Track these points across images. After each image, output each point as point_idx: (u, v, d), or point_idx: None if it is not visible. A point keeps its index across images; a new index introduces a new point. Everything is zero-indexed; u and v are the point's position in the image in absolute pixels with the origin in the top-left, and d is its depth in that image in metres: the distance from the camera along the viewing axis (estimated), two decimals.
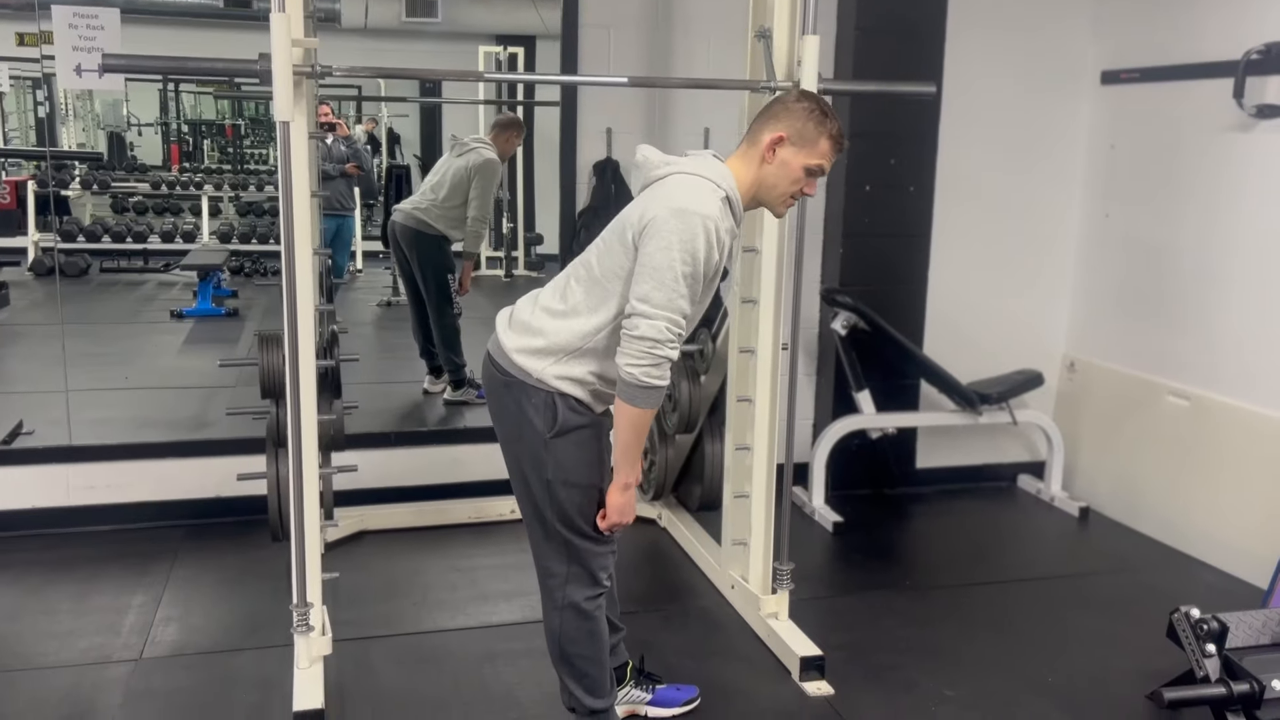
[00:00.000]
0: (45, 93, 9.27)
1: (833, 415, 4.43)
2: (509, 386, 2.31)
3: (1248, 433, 3.79)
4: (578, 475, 2.30)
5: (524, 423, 2.29)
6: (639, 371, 2.15)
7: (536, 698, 2.88)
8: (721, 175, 2.27)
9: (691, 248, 2.15)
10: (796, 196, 2.36)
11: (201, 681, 2.95)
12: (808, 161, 2.29)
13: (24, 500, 3.88)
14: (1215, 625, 2.81)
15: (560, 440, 2.28)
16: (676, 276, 2.14)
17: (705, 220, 2.17)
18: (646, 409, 2.20)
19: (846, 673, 3.04)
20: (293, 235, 2.66)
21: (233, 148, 10.94)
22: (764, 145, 2.30)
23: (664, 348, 2.15)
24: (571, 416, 2.27)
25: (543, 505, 2.32)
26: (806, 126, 2.29)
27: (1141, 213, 4.31)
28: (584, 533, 2.33)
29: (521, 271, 8.78)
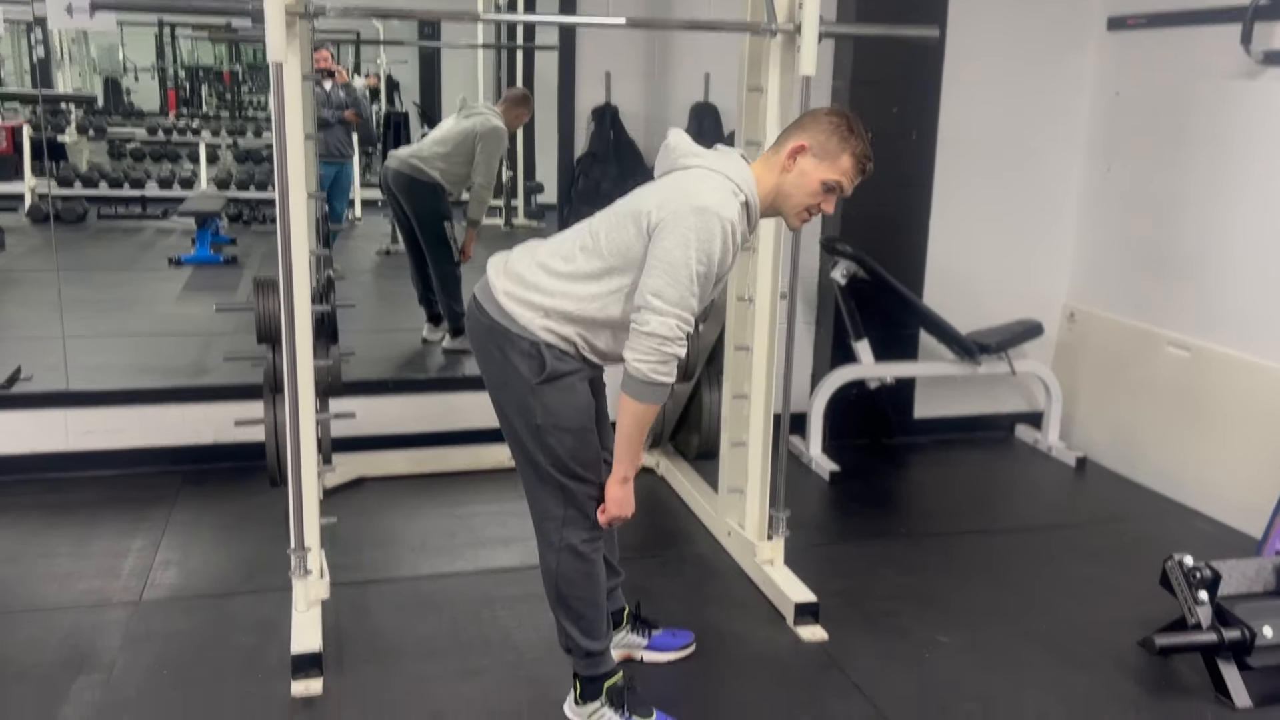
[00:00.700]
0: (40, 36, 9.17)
1: (831, 365, 4.43)
2: (492, 332, 2.30)
3: (1247, 384, 3.78)
4: (568, 420, 2.29)
5: (509, 369, 2.29)
6: (646, 368, 2.15)
7: (534, 641, 2.90)
8: (744, 179, 2.25)
9: (709, 248, 2.15)
10: (813, 211, 2.33)
11: (200, 624, 2.97)
12: (827, 176, 2.26)
13: (22, 445, 3.89)
14: (1208, 573, 2.82)
15: (548, 386, 2.27)
16: (691, 275, 2.14)
17: (724, 222, 2.16)
18: (651, 405, 2.21)
19: (841, 619, 3.07)
20: (286, 178, 2.63)
21: (230, 94, 10.84)
22: (786, 153, 2.28)
23: (673, 345, 2.15)
24: (559, 364, 2.27)
25: (535, 451, 2.32)
26: (830, 140, 2.26)
27: (1145, 161, 4.27)
28: (579, 476, 2.33)
29: (521, 221, 8.73)
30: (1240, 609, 2.78)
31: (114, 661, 2.74)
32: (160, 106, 10.19)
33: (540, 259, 2.32)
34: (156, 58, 10.24)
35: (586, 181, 4.29)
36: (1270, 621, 2.73)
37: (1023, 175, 4.59)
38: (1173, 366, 4.10)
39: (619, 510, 2.32)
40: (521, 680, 2.73)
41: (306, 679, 2.65)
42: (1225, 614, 2.76)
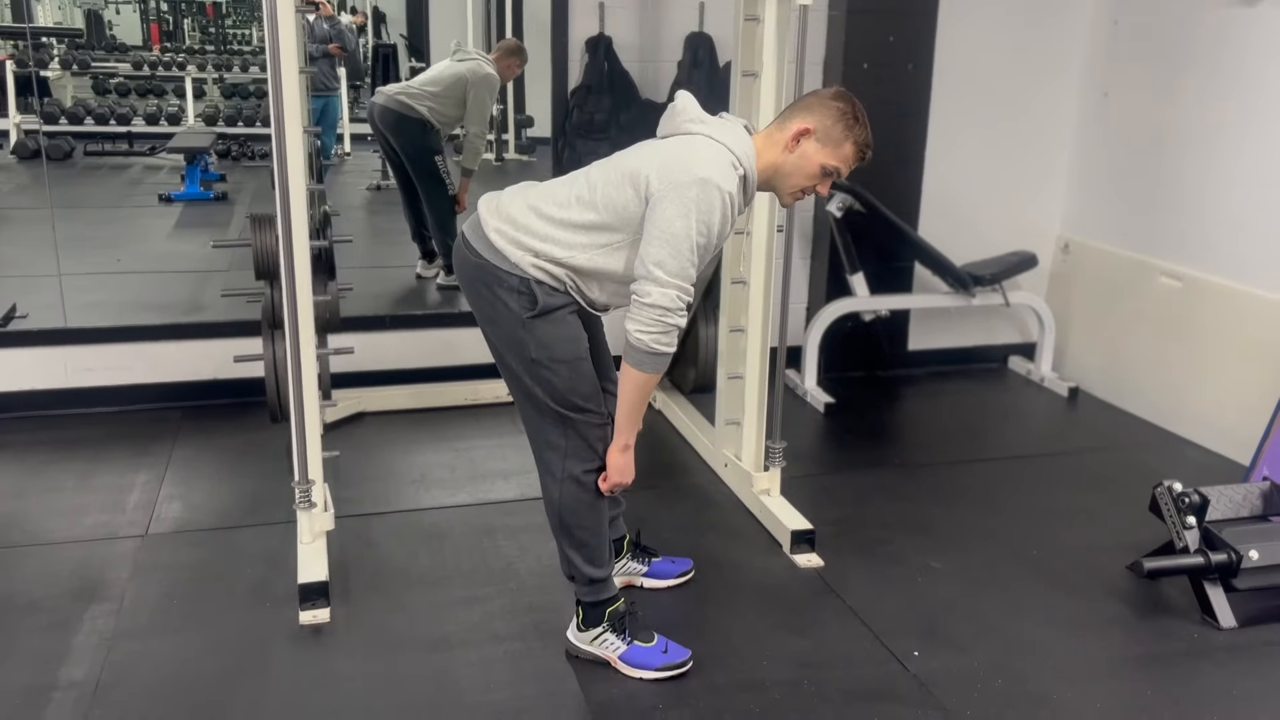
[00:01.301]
0: None
1: (826, 298, 4.45)
2: (481, 269, 2.31)
3: (1239, 314, 3.82)
4: (562, 352, 2.31)
5: (498, 306, 2.30)
6: (649, 338, 2.18)
7: (535, 569, 2.96)
8: (745, 153, 2.27)
9: (708, 220, 2.17)
10: (808, 191, 2.35)
11: (207, 556, 3.02)
12: (827, 161, 2.28)
13: (22, 382, 3.91)
14: (1196, 498, 2.88)
15: (539, 321, 2.28)
16: (692, 246, 2.16)
17: (724, 195, 2.18)
18: (652, 374, 2.24)
19: (836, 546, 3.13)
20: (283, 112, 2.61)
21: (214, 27, 10.66)
22: (790, 134, 2.29)
23: (674, 316, 2.18)
24: (550, 299, 2.28)
25: (531, 385, 2.34)
26: (836, 127, 2.27)
27: (1142, 92, 4.26)
28: (578, 407, 2.35)
29: (512, 155, 8.67)
30: (1227, 533, 2.84)
31: (124, 592, 2.79)
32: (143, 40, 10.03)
33: (532, 202, 2.33)
34: None
35: (581, 114, 4.26)
36: (1256, 544, 2.79)
37: (1018, 106, 4.57)
38: (1165, 296, 4.13)
39: (619, 477, 2.38)
40: (524, 607, 2.78)
41: (314, 608, 2.70)
42: (1212, 538, 2.83)
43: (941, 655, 2.62)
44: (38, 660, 2.49)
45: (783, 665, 2.57)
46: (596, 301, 2.35)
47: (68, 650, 2.53)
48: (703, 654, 2.55)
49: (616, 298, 2.36)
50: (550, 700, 2.43)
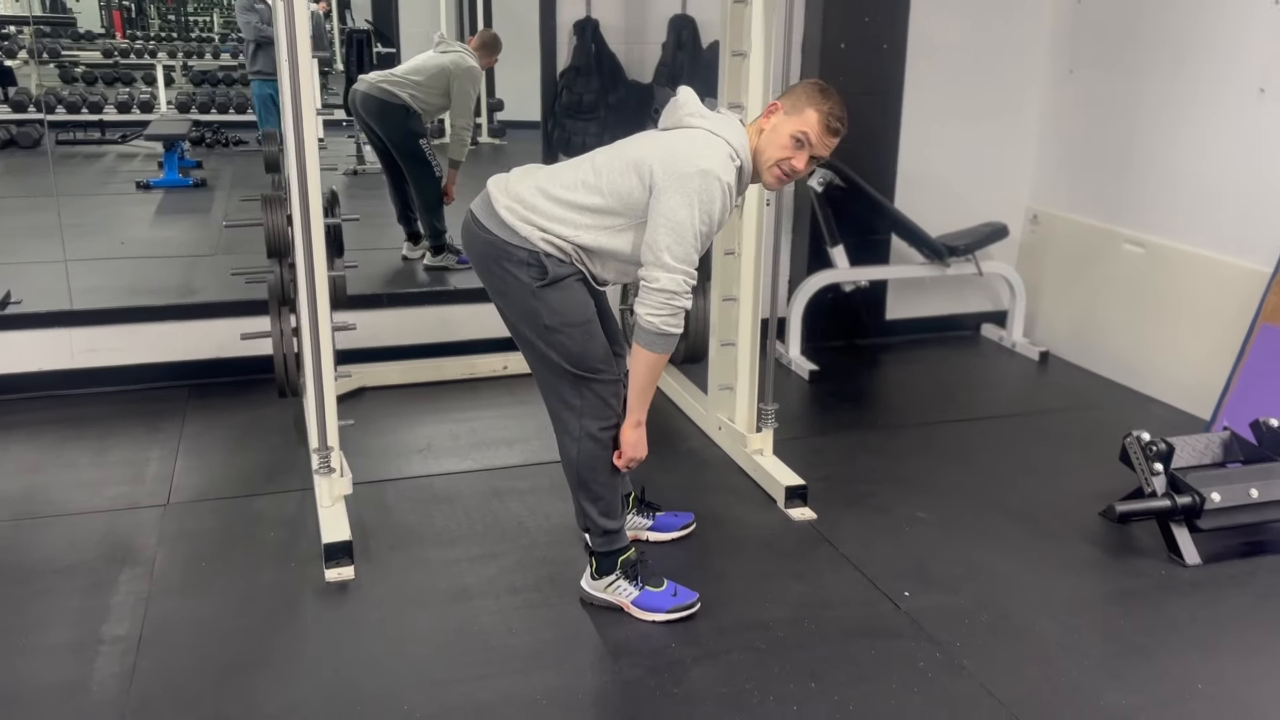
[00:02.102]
0: None
1: (808, 270, 4.62)
2: (491, 245, 2.46)
3: (1197, 277, 4.03)
4: (573, 315, 2.47)
5: (508, 279, 2.46)
6: (659, 321, 2.35)
7: (545, 527, 3.12)
8: (741, 146, 2.44)
9: (709, 209, 2.34)
10: (786, 171, 2.48)
11: (229, 522, 3.14)
12: (794, 129, 2.43)
13: (29, 364, 4.00)
14: (1163, 446, 3.09)
15: (549, 289, 2.44)
16: (696, 234, 2.33)
17: (724, 185, 2.36)
18: (662, 354, 2.42)
19: (827, 500, 3.31)
20: (300, 96, 2.73)
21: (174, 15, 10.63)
22: (763, 114, 2.49)
23: (681, 299, 2.36)
24: (558, 268, 2.44)
25: (547, 350, 2.49)
26: (800, 99, 2.45)
27: (1105, 68, 4.46)
28: (593, 368, 2.51)
29: (485, 139, 8.76)
30: (1191, 478, 3.05)
31: (154, 556, 2.92)
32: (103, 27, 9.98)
33: (541, 184, 2.48)
34: None
35: (570, 94, 4.40)
36: (1218, 487, 3.01)
37: (988, 82, 4.76)
38: (1129, 263, 4.34)
39: (634, 452, 2.55)
40: (538, 561, 2.94)
41: (339, 566, 2.84)
42: (1178, 482, 3.04)
43: (931, 595, 2.81)
44: (81, 618, 2.62)
45: (783, 607, 2.75)
46: (599, 276, 2.52)
47: (108, 609, 2.66)
48: (708, 598, 2.72)
49: (619, 275, 2.52)
50: (569, 643, 2.59)
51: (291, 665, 2.47)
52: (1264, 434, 3.20)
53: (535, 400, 4.03)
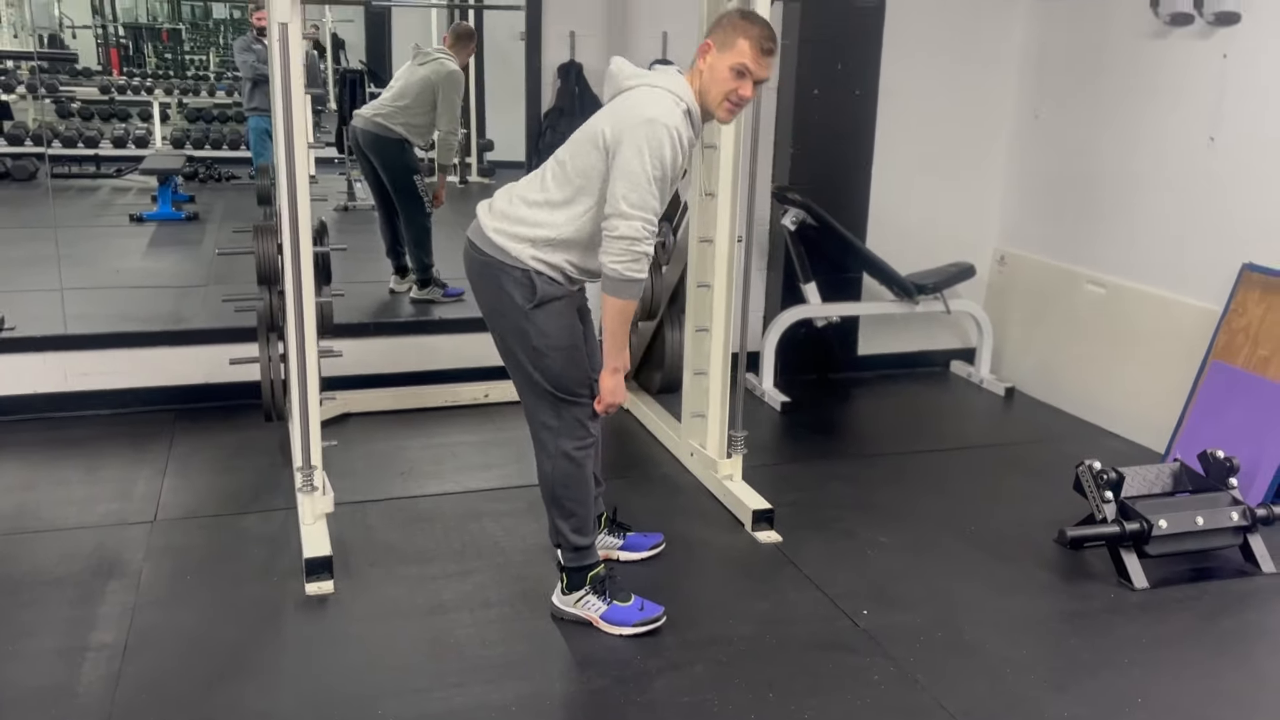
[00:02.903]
0: None
1: (782, 306, 4.77)
2: (488, 266, 2.60)
3: (1154, 315, 4.19)
4: (560, 339, 2.60)
5: (503, 297, 2.59)
6: (621, 267, 2.46)
7: (520, 547, 3.23)
8: (683, 90, 2.55)
9: (660, 154, 2.45)
10: (734, 101, 2.59)
11: (214, 539, 3.25)
12: (731, 62, 2.54)
13: (24, 386, 4.11)
14: (1113, 475, 3.23)
15: (540, 311, 2.58)
16: (649, 179, 2.44)
17: (670, 129, 2.46)
18: (629, 300, 2.52)
19: (793, 524, 3.43)
20: (293, 130, 2.88)
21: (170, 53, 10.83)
22: (697, 57, 2.60)
23: (641, 244, 2.46)
24: (549, 289, 2.57)
25: (532, 370, 2.63)
26: (729, 32, 2.56)
27: (1068, 114, 4.65)
28: (572, 390, 2.64)
29: (475, 178, 8.94)
30: (1140, 505, 3.18)
31: (140, 570, 3.02)
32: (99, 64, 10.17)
33: (518, 193, 2.63)
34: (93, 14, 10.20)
35: (554, 134, 4.55)
36: (1165, 515, 3.14)
37: (957, 128, 4.95)
38: (1091, 302, 4.50)
39: (611, 398, 2.64)
40: (511, 578, 3.05)
41: (319, 581, 2.95)
42: (1127, 510, 3.17)
43: (888, 614, 2.93)
44: (69, 627, 2.72)
45: (746, 623, 2.86)
46: (595, 270, 2.59)
47: (95, 618, 2.76)
48: (674, 615, 2.83)
49: None
50: (540, 655, 2.70)
51: (272, 673, 2.58)
52: (1211, 465, 3.34)
53: (514, 427, 4.20)
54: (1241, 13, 3.78)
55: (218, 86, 10.11)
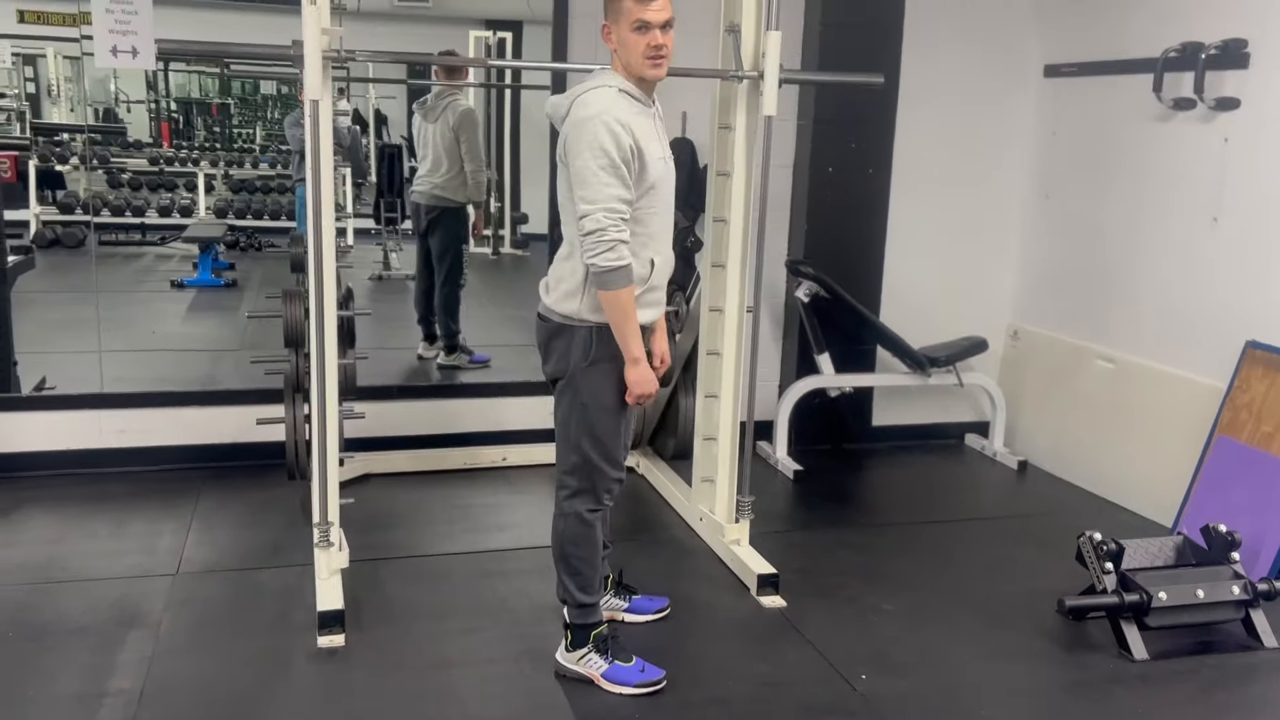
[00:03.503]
0: (33, 72, 9.63)
1: (796, 376, 4.86)
2: (560, 330, 2.74)
3: (1162, 391, 4.24)
4: (605, 398, 2.72)
5: (568, 355, 2.73)
6: (599, 259, 2.56)
7: (527, 606, 3.30)
8: (609, 78, 2.69)
9: (596, 144, 2.55)
10: (653, 55, 2.62)
11: (233, 592, 3.36)
12: (629, 24, 2.61)
13: (61, 442, 4.27)
14: (1113, 546, 3.26)
15: (593, 369, 2.71)
16: (595, 171, 2.55)
17: (598, 118, 2.56)
18: (622, 288, 2.59)
19: (799, 590, 3.48)
20: (320, 199, 3.05)
21: (219, 126, 11.25)
22: (607, 43, 2.70)
23: (610, 232, 2.55)
24: (603, 349, 2.69)
25: (574, 427, 2.75)
26: (610, 5, 2.67)
27: (1078, 194, 4.76)
28: (607, 454, 2.76)
29: (508, 250, 9.18)
30: (1141, 577, 3.21)
31: (160, 621, 3.13)
32: (151, 136, 10.58)
33: (554, 258, 2.80)
34: (147, 89, 10.64)
35: None
36: (1165, 587, 3.17)
37: (970, 205, 5.07)
38: (1101, 377, 4.56)
39: (642, 389, 2.69)
40: (517, 636, 3.12)
41: (331, 634, 3.04)
42: (1128, 581, 3.20)
43: (886, 679, 2.96)
44: (89, 673, 2.82)
45: (746, 685, 2.91)
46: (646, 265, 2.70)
47: (114, 666, 2.86)
48: (675, 675, 2.89)
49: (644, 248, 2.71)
50: (541, 712, 2.76)
51: None
52: (1213, 539, 3.37)
53: (530, 490, 4.31)
54: (1241, 98, 3.89)
55: (261, 159, 10.48)
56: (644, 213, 2.70)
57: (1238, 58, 3.88)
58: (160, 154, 10.11)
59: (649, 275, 2.73)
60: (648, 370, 2.70)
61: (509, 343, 6.16)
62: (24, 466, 4.23)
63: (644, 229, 2.70)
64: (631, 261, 2.60)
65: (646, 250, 2.72)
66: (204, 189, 9.61)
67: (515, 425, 4.69)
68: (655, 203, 2.72)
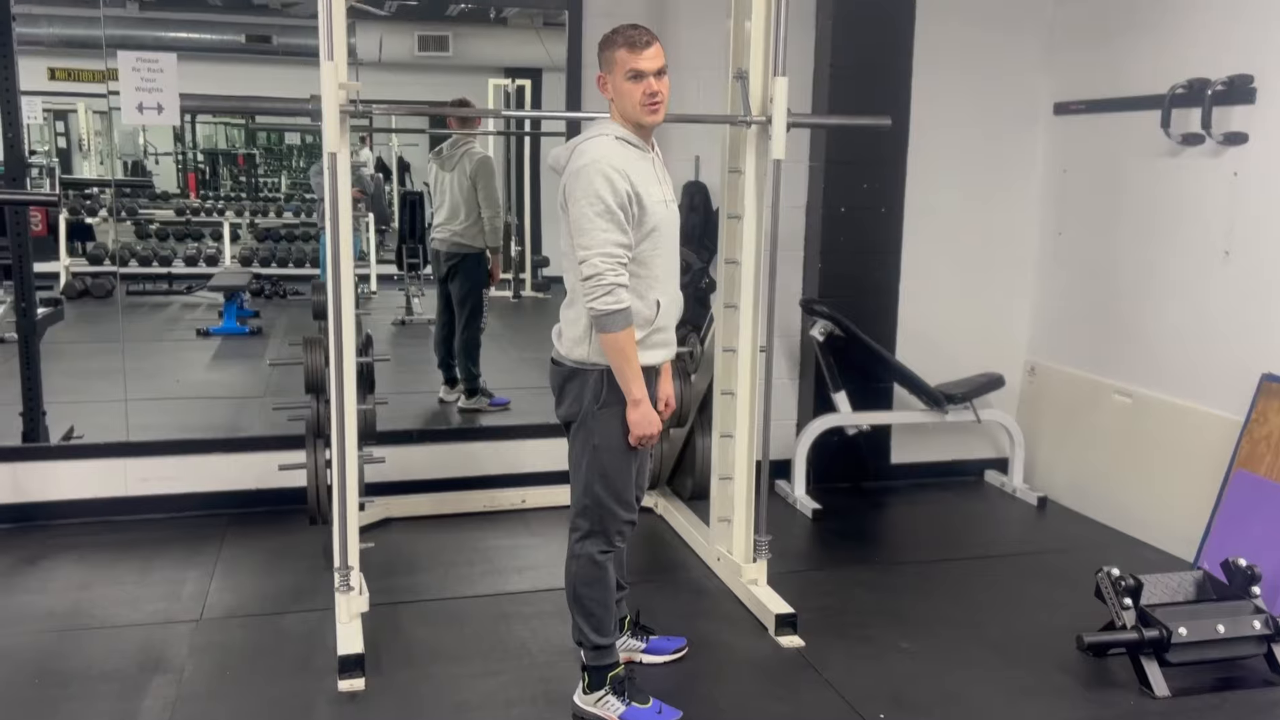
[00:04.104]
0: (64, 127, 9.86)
1: (813, 414, 4.88)
2: (573, 374, 2.80)
3: (1179, 426, 4.23)
4: (616, 440, 2.77)
5: (580, 398, 2.78)
6: (597, 304, 2.63)
7: (545, 649, 3.32)
8: (607, 126, 2.77)
9: (592, 191, 2.62)
10: (646, 103, 2.70)
11: (254, 637, 3.39)
12: (622, 74, 2.69)
13: (87, 490, 4.34)
14: (1132, 581, 3.25)
15: (603, 411, 2.76)
16: (591, 219, 2.62)
17: (593, 165, 2.64)
18: (620, 331, 2.65)
19: (817, 629, 3.48)
20: (339, 247, 3.12)
21: (245, 176, 11.45)
22: (604, 93, 2.78)
23: (608, 276, 2.61)
24: (613, 392, 2.74)
25: (586, 471, 2.80)
26: (606, 57, 2.74)
27: (1090, 230, 4.78)
28: (618, 496, 2.80)
29: (529, 293, 9.25)
30: (1161, 613, 3.19)
31: (183, 665, 3.17)
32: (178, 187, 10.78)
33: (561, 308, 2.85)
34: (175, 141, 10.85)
35: None
36: (1185, 622, 3.15)
37: (983, 242, 5.10)
38: (1118, 412, 4.55)
39: (643, 430, 2.73)
40: (535, 679, 3.14)
41: (351, 678, 3.07)
42: (1147, 617, 3.18)
43: (904, 717, 2.96)
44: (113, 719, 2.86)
45: None
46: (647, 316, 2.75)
47: (139, 712, 2.90)
48: (694, 716, 2.90)
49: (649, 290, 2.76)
50: None
51: None
52: (1233, 573, 3.35)
53: (549, 532, 4.34)
54: (1249, 133, 3.91)
55: (286, 207, 10.65)
56: (647, 255, 2.75)
57: (1244, 93, 3.91)
58: (187, 204, 10.30)
59: (655, 317, 2.78)
60: (649, 411, 2.74)
61: (528, 385, 6.21)
62: (53, 515, 4.30)
63: (648, 271, 2.76)
64: (630, 304, 2.65)
65: (652, 292, 2.77)
66: (229, 238, 9.77)
67: (534, 467, 4.72)
68: (658, 245, 2.77)
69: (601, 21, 4.18)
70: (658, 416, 2.77)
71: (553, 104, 7.54)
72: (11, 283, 4.57)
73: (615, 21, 3.18)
